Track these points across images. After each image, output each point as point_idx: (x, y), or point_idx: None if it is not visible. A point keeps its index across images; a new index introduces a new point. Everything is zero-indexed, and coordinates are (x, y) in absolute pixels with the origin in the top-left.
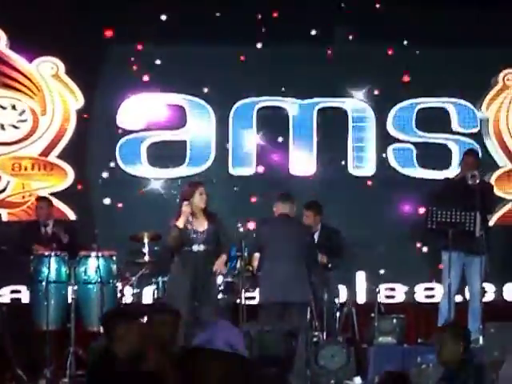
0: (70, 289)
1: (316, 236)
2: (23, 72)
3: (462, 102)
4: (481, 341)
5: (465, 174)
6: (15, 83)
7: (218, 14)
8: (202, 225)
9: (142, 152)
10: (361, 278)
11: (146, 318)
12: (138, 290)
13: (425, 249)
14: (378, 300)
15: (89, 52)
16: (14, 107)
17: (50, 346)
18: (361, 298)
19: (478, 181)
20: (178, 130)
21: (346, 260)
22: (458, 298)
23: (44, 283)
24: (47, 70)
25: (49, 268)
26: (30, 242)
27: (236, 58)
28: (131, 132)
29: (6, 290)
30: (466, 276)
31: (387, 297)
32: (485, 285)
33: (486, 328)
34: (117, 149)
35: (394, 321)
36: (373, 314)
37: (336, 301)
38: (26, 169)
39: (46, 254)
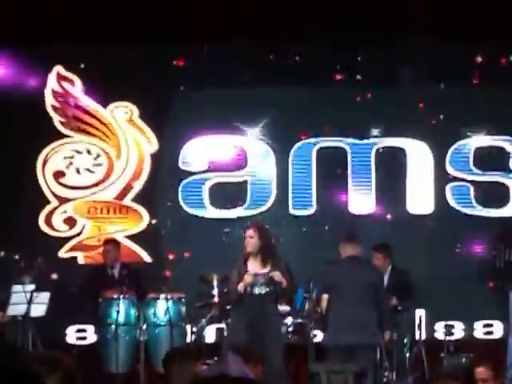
0: (139, 331)
1: (386, 278)
2: (98, 117)
3: None
4: None
5: None
6: (90, 128)
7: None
8: (261, 267)
9: (205, 193)
10: (421, 315)
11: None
12: (206, 332)
13: (487, 286)
14: (447, 339)
15: (158, 97)
16: (89, 152)
17: None
18: (422, 336)
19: None
20: (239, 171)
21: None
22: None
23: (113, 326)
24: (121, 114)
25: (118, 311)
26: (97, 286)
27: (298, 97)
28: (193, 173)
29: (72, 329)
30: None
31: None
32: None
33: None
34: (179, 190)
35: (464, 360)
36: (442, 354)
37: (405, 341)
38: (101, 212)
39: (115, 296)
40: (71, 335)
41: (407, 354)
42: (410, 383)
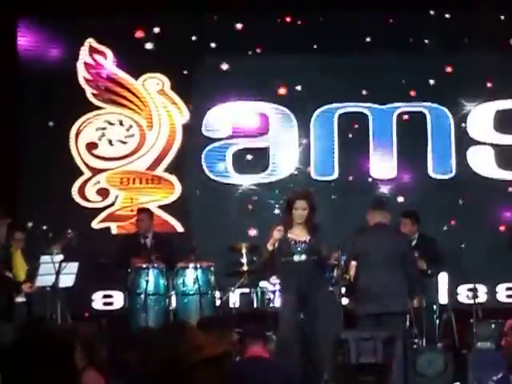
0: (168, 300)
1: (414, 244)
2: (130, 88)
3: None
4: None
5: None
6: (122, 99)
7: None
8: (301, 235)
9: (228, 159)
10: (443, 279)
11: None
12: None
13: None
14: (476, 305)
15: (185, 67)
16: (121, 123)
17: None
18: (443, 300)
19: None
20: (261, 137)
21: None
22: None
23: (143, 296)
24: (153, 86)
25: (147, 280)
26: (129, 255)
27: (320, 65)
28: (216, 140)
29: (99, 294)
30: None
31: (468, 297)
32: None
33: None
34: (203, 157)
35: (493, 326)
36: (471, 320)
37: (435, 307)
38: (134, 183)
39: (144, 266)
40: (98, 301)
41: (437, 321)
42: (440, 350)
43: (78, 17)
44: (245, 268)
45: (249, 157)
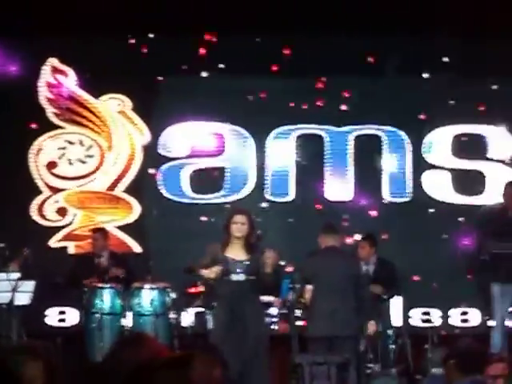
0: (123, 320)
1: (371, 267)
2: (91, 109)
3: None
4: None
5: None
6: (83, 119)
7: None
8: (240, 254)
9: (184, 179)
10: (397, 303)
11: None
12: (193, 323)
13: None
14: (432, 330)
15: (144, 87)
16: (81, 143)
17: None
18: (397, 323)
19: None
20: (217, 157)
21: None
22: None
23: (98, 315)
24: (114, 106)
25: (102, 300)
26: (83, 274)
27: (278, 86)
28: (173, 159)
29: (53, 311)
30: None
31: (422, 321)
32: None
33: None
34: (159, 177)
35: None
36: (426, 345)
37: (390, 332)
38: (92, 202)
39: (100, 285)
40: (52, 317)
41: (392, 346)
42: (395, 375)
43: (40, 35)
44: (200, 289)
45: (205, 177)
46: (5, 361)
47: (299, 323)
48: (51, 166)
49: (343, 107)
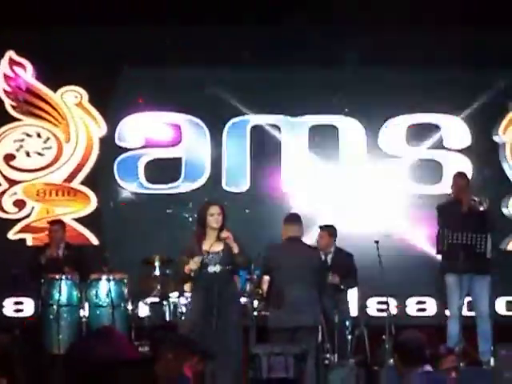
0: (80, 312)
1: (330, 257)
2: (48, 101)
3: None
4: (492, 362)
5: (461, 198)
6: (40, 112)
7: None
8: (215, 245)
9: (140, 169)
10: (354, 292)
11: None
12: (150, 314)
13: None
14: (389, 320)
15: (102, 79)
16: (38, 135)
17: (61, 369)
18: (354, 313)
19: (486, 206)
20: (173, 148)
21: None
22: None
23: (55, 306)
24: (71, 98)
25: (60, 291)
26: (41, 266)
27: (234, 76)
28: (129, 150)
29: (10, 301)
30: (473, 297)
31: (378, 310)
32: None
33: (497, 349)
34: (115, 167)
35: None
36: (384, 336)
37: (347, 323)
38: (50, 194)
39: (57, 277)
40: (8, 307)
41: (349, 336)
42: (352, 366)
43: None
44: (157, 280)
45: (161, 167)
46: None
47: (255, 314)
48: (9, 158)
49: (299, 97)
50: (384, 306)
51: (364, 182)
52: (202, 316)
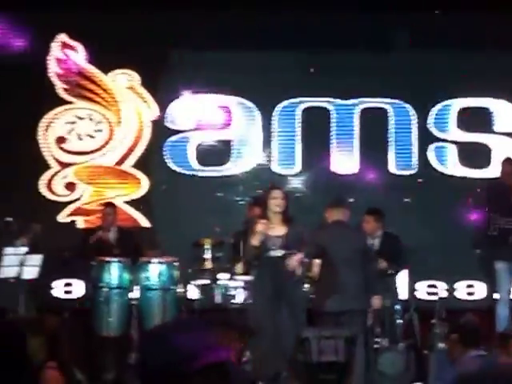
0: (131, 294)
1: (377, 242)
2: (100, 84)
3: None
4: None
5: (510, 184)
6: (92, 94)
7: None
8: (278, 230)
9: (190, 152)
10: (403, 276)
11: None
12: (200, 297)
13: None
14: (439, 304)
15: (154, 62)
16: (90, 118)
17: (111, 352)
18: (403, 296)
19: None
20: (224, 130)
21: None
22: None
23: (106, 289)
24: (123, 81)
25: (110, 274)
26: (92, 249)
27: (285, 60)
28: (180, 132)
29: (60, 283)
30: None
31: (428, 293)
32: None
33: None
34: (166, 149)
35: None
36: (433, 320)
37: (397, 307)
38: (101, 177)
39: (108, 259)
40: (59, 289)
41: (399, 321)
42: (402, 349)
43: (50, 11)
44: (208, 263)
45: (211, 150)
46: (9, 335)
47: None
48: (60, 140)
49: (351, 81)
50: (434, 290)
51: (413, 166)
52: (268, 301)
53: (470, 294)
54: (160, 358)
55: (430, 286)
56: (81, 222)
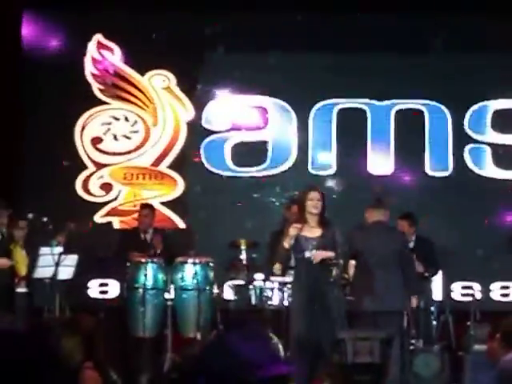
0: (166, 295)
1: (411, 245)
2: (136, 85)
3: None
4: None
5: None
6: (128, 95)
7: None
8: (314, 231)
9: (226, 152)
10: (438, 277)
11: None
12: (236, 297)
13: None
14: (474, 305)
15: (189, 63)
16: (126, 118)
17: (146, 353)
18: (438, 297)
19: None
20: (260, 131)
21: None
22: None
23: (141, 290)
24: (159, 82)
25: (146, 274)
26: (129, 250)
27: (321, 61)
28: (216, 133)
29: (95, 283)
30: None
31: (463, 295)
32: None
33: None
34: (202, 149)
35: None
36: (468, 322)
37: (433, 308)
38: (137, 178)
39: (143, 260)
40: (94, 289)
41: (434, 322)
42: (437, 351)
43: (86, 11)
44: (243, 264)
45: (247, 150)
46: (46, 335)
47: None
48: (96, 141)
49: (387, 82)
50: (469, 291)
51: (448, 168)
52: (303, 302)
53: (505, 295)
54: (223, 365)
55: (464, 288)
56: (117, 223)
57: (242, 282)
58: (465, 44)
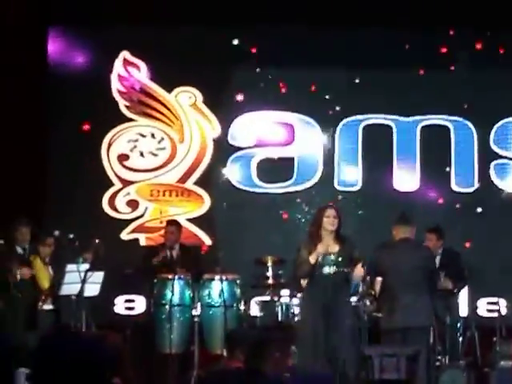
0: (193, 312)
1: (438, 259)
2: (162, 101)
3: None
4: None
5: None
6: (154, 112)
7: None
8: (331, 247)
9: (253, 168)
10: (464, 292)
11: None
12: (262, 314)
13: None
14: (500, 321)
15: (216, 79)
16: (153, 135)
17: (173, 369)
18: (464, 313)
19: None
20: (286, 147)
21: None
22: None
23: (167, 306)
24: (185, 99)
25: (172, 291)
26: (154, 266)
27: (346, 77)
28: (242, 149)
29: (121, 299)
30: None
31: (488, 311)
32: None
33: None
34: (228, 165)
35: None
36: (495, 338)
37: (458, 324)
38: (163, 195)
39: (170, 277)
40: (120, 305)
41: (460, 338)
42: (463, 367)
43: (112, 27)
44: (270, 281)
45: (273, 167)
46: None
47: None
48: (123, 158)
49: (412, 98)
50: (494, 307)
51: (474, 184)
52: (317, 317)
53: None
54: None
55: (490, 304)
56: (143, 240)
57: (268, 299)
58: (490, 60)
